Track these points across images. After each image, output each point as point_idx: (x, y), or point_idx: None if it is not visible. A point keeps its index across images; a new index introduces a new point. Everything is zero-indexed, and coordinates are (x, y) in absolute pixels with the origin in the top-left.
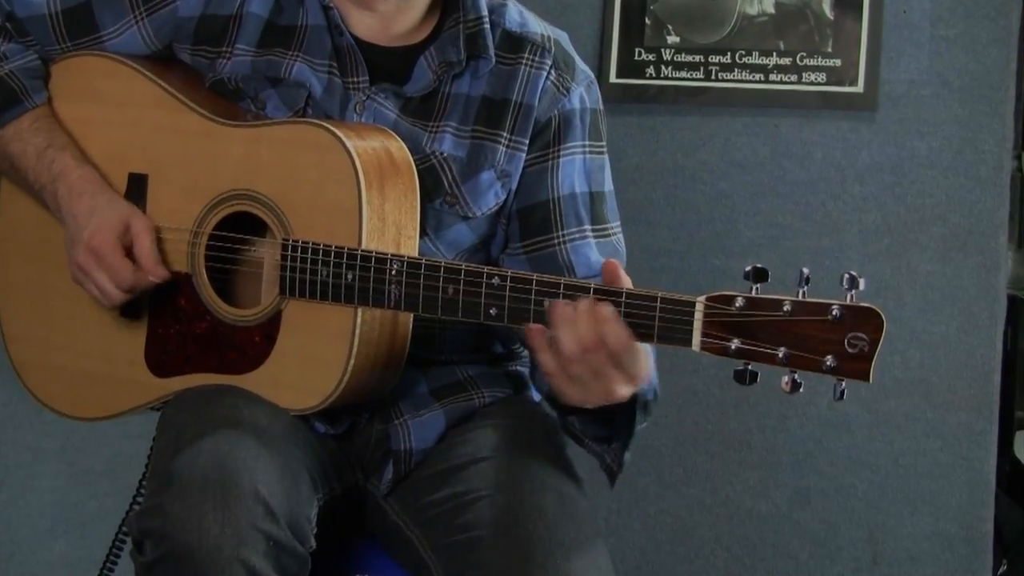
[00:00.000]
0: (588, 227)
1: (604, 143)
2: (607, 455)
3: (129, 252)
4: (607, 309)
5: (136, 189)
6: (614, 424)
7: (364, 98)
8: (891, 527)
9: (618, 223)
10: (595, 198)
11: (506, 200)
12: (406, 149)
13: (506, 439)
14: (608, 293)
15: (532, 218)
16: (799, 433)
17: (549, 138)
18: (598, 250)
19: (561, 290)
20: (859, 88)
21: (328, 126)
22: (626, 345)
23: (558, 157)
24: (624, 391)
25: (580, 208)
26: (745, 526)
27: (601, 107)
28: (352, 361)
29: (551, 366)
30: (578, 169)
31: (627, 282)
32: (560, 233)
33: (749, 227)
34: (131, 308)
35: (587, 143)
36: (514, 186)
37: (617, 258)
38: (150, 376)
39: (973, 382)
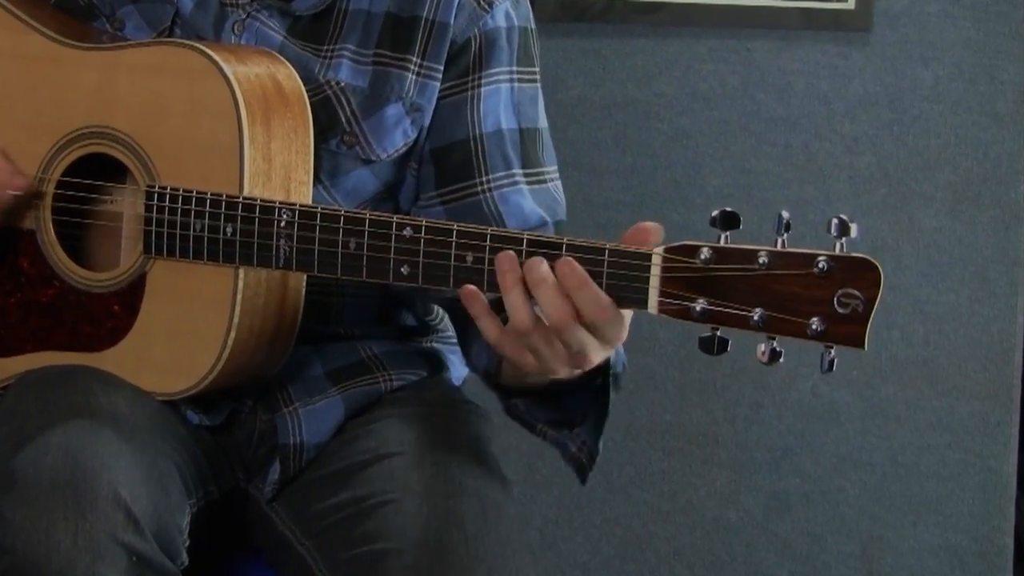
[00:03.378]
0: (518, 171)
1: (537, 69)
2: (571, 442)
3: None
4: (577, 270)
5: None
6: (567, 404)
7: (244, 16)
8: (889, 539)
9: (555, 167)
10: (526, 135)
11: (417, 139)
12: (297, 77)
13: (418, 432)
14: (543, 244)
15: (449, 161)
16: (776, 425)
17: (468, 63)
18: (532, 198)
19: (487, 242)
20: (849, 3)
21: (202, 47)
22: (607, 316)
23: (479, 86)
24: (598, 357)
25: (508, 148)
26: (711, 538)
27: (533, 25)
28: (232, 334)
29: (494, 335)
30: (504, 101)
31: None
32: (484, 178)
33: (716, 173)
34: None
35: (515, 69)
36: (427, 122)
37: (556, 208)
38: None
39: (988, 363)
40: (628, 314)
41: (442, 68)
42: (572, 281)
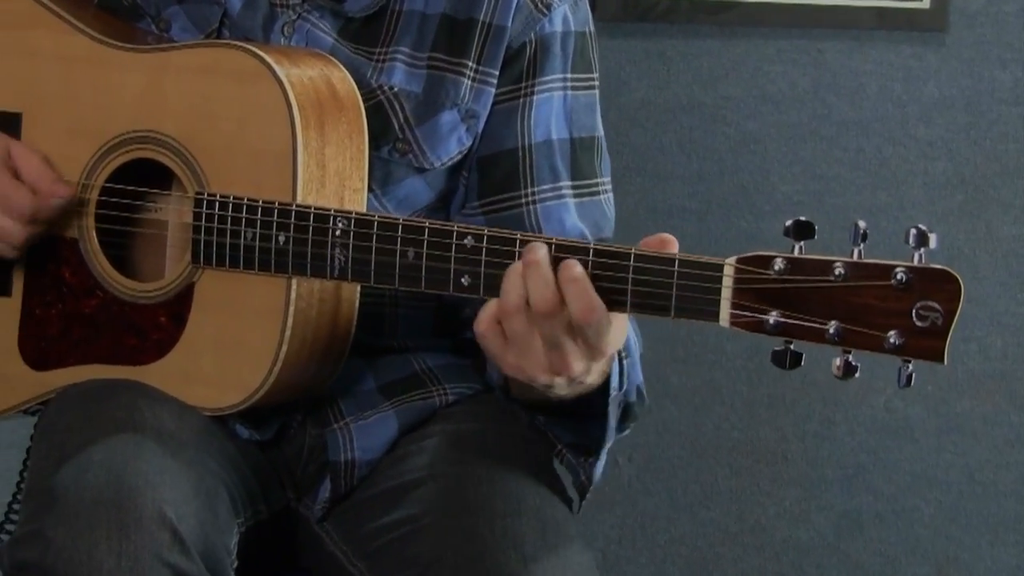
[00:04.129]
0: (566, 183)
1: (595, 76)
2: (582, 471)
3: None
4: (575, 269)
5: (6, 131)
6: (591, 430)
7: (294, 17)
8: (965, 560)
9: (608, 178)
10: (578, 146)
11: (471, 147)
12: (351, 80)
13: (474, 448)
14: (610, 255)
15: (495, 171)
16: (848, 441)
17: (522, 69)
18: (577, 212)
19: (552, 252)
20: (924, 3)
21: (253, 48)
22: (594, 318)
23: (531, 94)
24: (578, 364)
25: (557, 159)
26: (780, 559)
27: (591, 30)
28: (284, 347)
29: (480, 316)
30: (556, 110)
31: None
32: (529, 191)
33: (785, 179)
34: None
35: (569, 76)
36: (481, 129)
37: (602, 223)
38: (25, 369)
39: None
40: (621, 327)
41: (498, 73)
42: (565, 274)
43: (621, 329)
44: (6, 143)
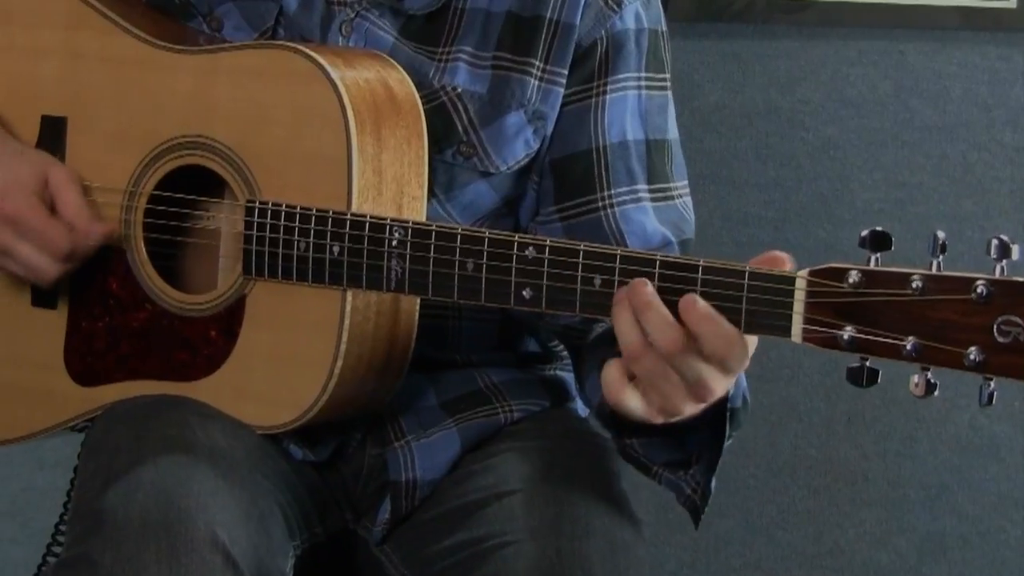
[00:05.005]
0: (643, 186)
1: (667, 76)
2: (686, 484)
3: (52, 211)
4: (699, 306)
5: (50, 137)
6: (689, 443)
7: (352, 16)
8: None
9: (685, 182)
10: (653, 148)
11: (539, 150)
12: (409, 82)
13: (540, 467)
14: (678, 267)
15: (570, 173)
16: (931, 461)
17: (593, 68)
18: (655, 216)
19: (617, 263)
20: (1011, 2)
21: (306, 50)
22: (735, 351)
23: (604, 93)
24: (722, 387)
25: (633, 161)
26: None
27: (664, 28)
28: (339, 362)
29: (608, 382)
30: (631, 109)
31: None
32: (606, 193)
33: (865, 187)
34: (44, 295)
35: (643, 75)
36: (549, 132)
37: (683, 226)
38: (71, 385)
39: None
40: (752, 340)
41: (567, 73)
42: (693, 315)
43: (752, 343)
44: (44, 169)
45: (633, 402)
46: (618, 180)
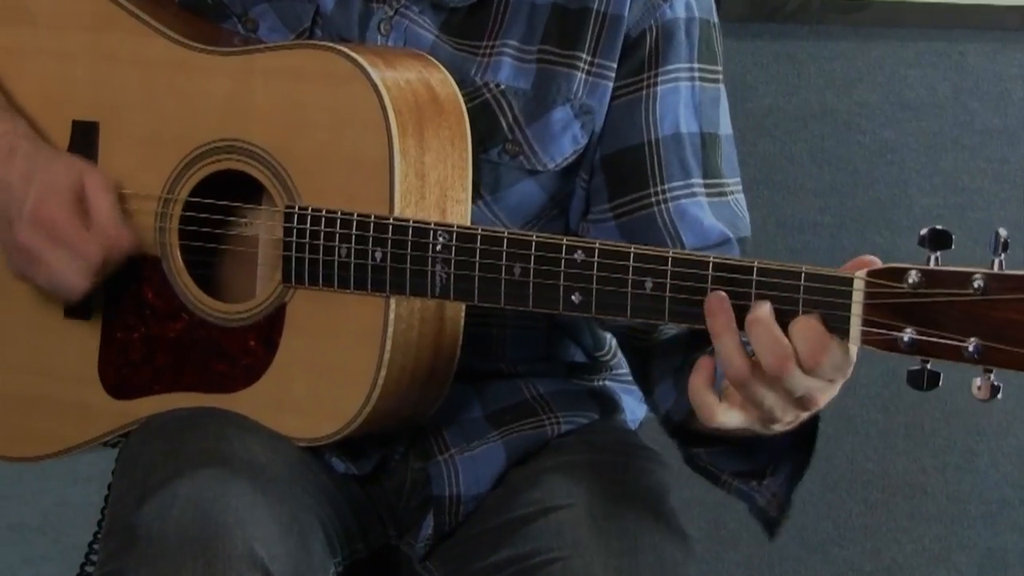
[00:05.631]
0: (698, 180)
1: (720, 68)
2: (759, 495)
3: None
4: (817, 330)
5: (81, 142)
6: (759, 454)
7: (391, 13)
8: None
9: (737, 179)
10: (708, 141)
11: (588, 146)
12: (452, 82)
13: (588, 481)
14: (732, 268)
15: (621, 168)
16: (992, 474)
17: (643, 59)
18: (712, 212)
19: (668, 266)
20: None
21: (346, 50)
22: (846, 372)
23: (655, 84)
24: (825, 398)
25: (687, 153)
26: None
27: (715, 19)
28: (382, 372)
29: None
30: (684, 100)
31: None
32: (660, 188)
33: (924, 192)
34: (77, 305)
35: (696, 65)
36: (598, 127)
37: (738, 224)
38: (105, 398)
39: None
40: (854, 349)
41: (615, 66)
42: (814, 344)
43: (854, 353)
44: (80, 175)
45: (732, 420)
46: (672, 174)
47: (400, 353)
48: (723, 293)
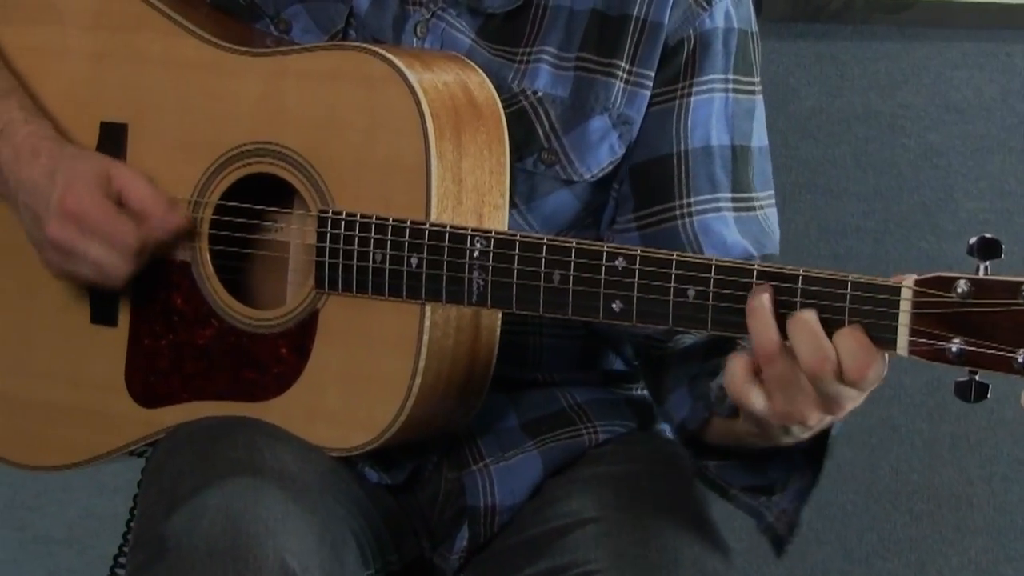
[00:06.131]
0: (725, 195)
1: (756, 81)
2: (767, 511)
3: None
4: (865, 344)
5: (110, 144)
6: (771, 469)
7: (427, 16)
8: None
9: (770, 192)
10: (739, 154)
11: (624, 156)
12: (490, 85)
13: (626, 493)
14: (777, 276)
15: (648, 179)
16: None
17: (679, 68)
18: (736, 227)
19: (712, 273)
20: None
21: (382, 52)
22: (879, 381)
23: (689, 95)
24: (852, 405)
25: (716, 167)
26: None
27: (755, 29)
28: (417, 380)
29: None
30: (717, 112)
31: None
32: (685, 201)
33: (970, 196)
34: (104, 311)
35: (731, 77)
36: (635, 136)
37: (764, 240)
38: (132, 406)
39: None
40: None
41: (653, 74)
42: (860, 355)
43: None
44: (105, 166)
45: (758, 402)
46: (699, 187)
47: (435, 361)
48: (765, 293)
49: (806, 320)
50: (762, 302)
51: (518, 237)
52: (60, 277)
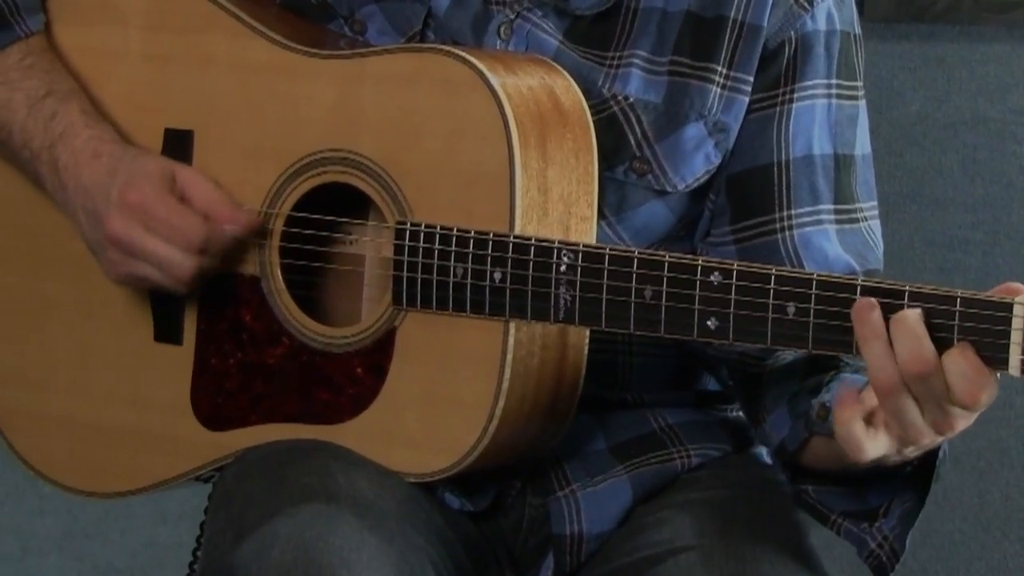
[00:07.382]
0: (827, 206)
1: (859, 85)
2: (871, 538)
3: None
4: (975, 363)
5: (175, 152)
6: (872, 495)
7: (512, 17)
8: None
9: (873, 203)
10: (842, 164)
11: (721, 166)
12: (577, 90)
13: (721, 520)
14: (882, 292)
15: (747, 190)
16: None
17: (779, 72)
18: (838, 241)
19: (813, 289)
20: None
21: (463, 54)
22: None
23: (790, 102)
24: (962, 424)
25: (818, 178)
26: None
27: (858, 31)
28: (501, 402)
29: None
30: (819, 120)
31: None
32: (785, 213)
33: None
34: (169, 328)
35: (834, 82)
36: (732, 145)
37: (867, 254)
38: (198, 429)
39: None
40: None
41: (752, 79)
42: (972, 376)
43: None
44: (171, 168)
45: (879, 447)
46: (800, 199)
47: (520, 382)
48: (872, 299)
49: (906, 318)
50: (875, 330)
51: (607, 250)
52: (120, 282)
